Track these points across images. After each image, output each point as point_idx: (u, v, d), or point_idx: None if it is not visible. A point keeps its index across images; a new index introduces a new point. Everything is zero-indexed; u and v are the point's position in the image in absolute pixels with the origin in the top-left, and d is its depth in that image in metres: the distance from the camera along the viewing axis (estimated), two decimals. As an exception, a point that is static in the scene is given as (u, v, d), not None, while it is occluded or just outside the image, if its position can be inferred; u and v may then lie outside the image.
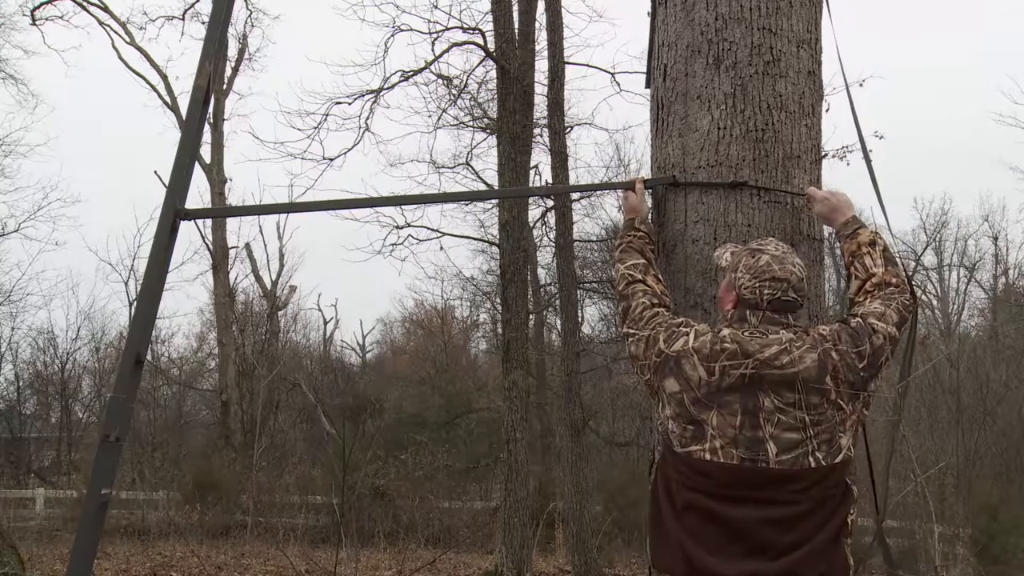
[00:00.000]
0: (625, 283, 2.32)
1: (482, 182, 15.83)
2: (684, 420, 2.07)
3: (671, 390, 2.09)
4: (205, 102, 2.46)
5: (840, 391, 2.04)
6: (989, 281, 24.81)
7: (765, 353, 2.03)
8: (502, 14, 10.28)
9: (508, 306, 9.87)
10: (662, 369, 2.11)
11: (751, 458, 2.00)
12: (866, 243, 2.33)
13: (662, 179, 2.56)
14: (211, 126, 19.81)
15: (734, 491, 2.01)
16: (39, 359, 21.02)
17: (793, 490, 2.00)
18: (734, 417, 2.02)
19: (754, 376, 2.02)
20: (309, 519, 14.03)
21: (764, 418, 2.01)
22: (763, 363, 2.02)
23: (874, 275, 2.27)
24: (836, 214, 2.40)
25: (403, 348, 29.47)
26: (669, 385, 2.09)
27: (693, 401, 2.05)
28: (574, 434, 10.56)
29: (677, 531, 2.05)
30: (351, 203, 4.06)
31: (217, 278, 20.09)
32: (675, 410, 2.08)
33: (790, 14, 2.53)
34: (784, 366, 2.02)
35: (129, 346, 2.31)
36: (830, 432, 2.03)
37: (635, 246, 2.42)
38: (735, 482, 2.01)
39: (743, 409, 2.02)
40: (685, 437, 2.07)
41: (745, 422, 2.01)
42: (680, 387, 2.07)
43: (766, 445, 2.00)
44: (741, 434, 2.01)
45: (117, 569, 10.61)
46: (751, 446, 2.01)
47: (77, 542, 2.23)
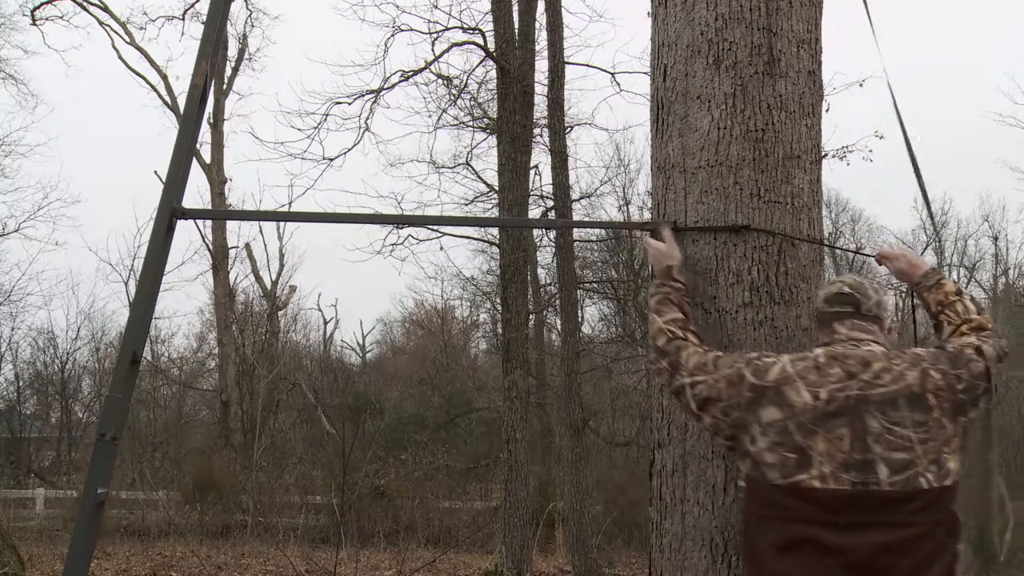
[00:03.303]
0: (665, 339, 2.26)
1: (482, 182, 15.84)
2: (786, 448, 2.03)
3: (770, 419, 2.05)
4: (202, 101, 2.46)
5: (943, 408, 2.03)
6: (989, 281, 24.82)
7: (868, 372, 2.04)
8: (502, 14, 10.28)
9: (508, 306, 9.87)
10: (758, 401, 2.08)
11: (863, 481, 1.97)
12: (953, 292, 2.37)
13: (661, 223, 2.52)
14: (211, 126, 19.82)
15: (846, 518, 1.97)
16: (39, 359, 21.06)
17: (908, 511, 1.97)
18: (841, 441, 1.99)
19: (860, 397, 2.02)
20: (309, 519, 14.02)
21: (873, 439, 1.99)
22: (867, 383, 2.03)
23: (971, 320, 2.30)
24: (915, 268, 2.47)
25: (403, 348, 29.49)
26: (767, 415, 2.06)
27: (798, 427, 2.02)
28: (574, 434, 10.55)
29: (785, 570, 2.00)
30: (349, 218, 4.04)
31: (217, 278, 20.10)
32: (774, 439, 2.04)
33: (790, 14, 2.52)
34: (887, 383, 2.02)
35: (125, 345, 2.30)
36: (936, 452, 2.01)
37: (674, 299, 2.34)
38: (847, 508, 1.97)
39: (851, 431, 2.00)
40: (787, 466, 2.02)
41: (854, 445, 1.99)
42: (783, 414, 2.04)
43: (877, 467, 1.98)
44: (851, 457, 1.98)
45: (117, 569, 10.61)
46: (862, 469, 1.98)
47: (74, 542, 2.22)
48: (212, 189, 19.91)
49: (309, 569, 9.93)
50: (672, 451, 2.44)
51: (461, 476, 15.92)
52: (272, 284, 23.51)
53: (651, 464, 2.54)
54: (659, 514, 2.47)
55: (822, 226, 2.58)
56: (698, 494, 2.37)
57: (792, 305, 2.42)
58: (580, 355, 12.42)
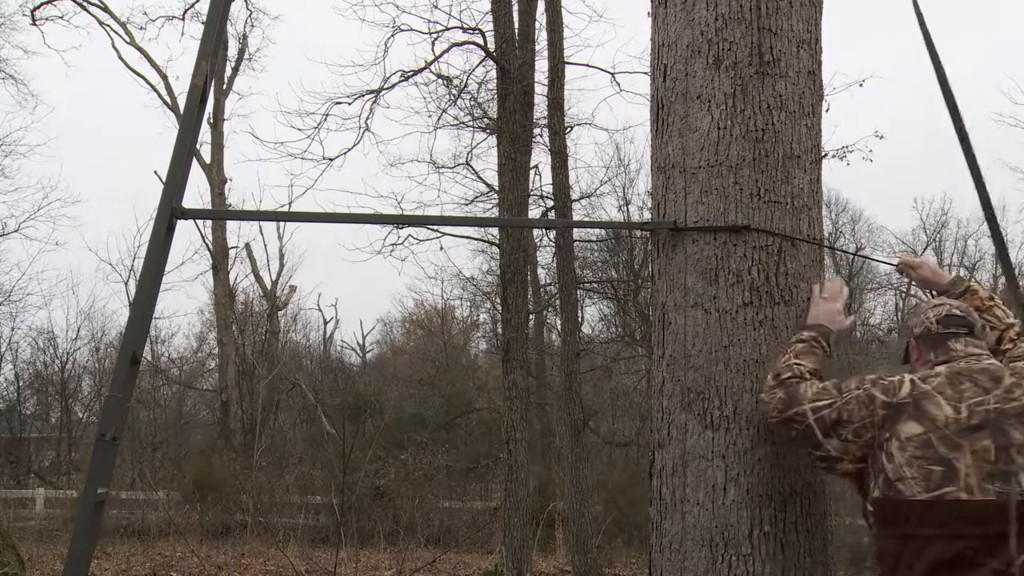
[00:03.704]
0: (790, 373, 2.27)
1: (482, 182, 15.85)
2: (930, 462, 2.05)
3: (910, 433, 2.07)
4: (202, 101, 2.45)
5: None
6: (989, 281, 24.82)
7: (1000, 388, 2.10)
8: (502, 14, 10.28)
9: (508, 306, 9.87)
10: (895, 418, 2.10)
11: (1006, 491, 2.01)
12: (987, 297, 2.48)
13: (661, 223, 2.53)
14: (211, 126, 19.83)
15: (992, 528, 2.00)
16: (39, 359, 21.06)
17: None
18: (987, 452, 2.03)
19: (998, 410, 2.07)
20: (309, 519, 14.03)
21: (1016, 450, 2.03)
22: (1003, 397, 2.08)
23: (1013, 325, 2.42)
24: (939, 276, 2.56)
25: (403, 348, 29.50)
26: (908, 429, 2.08)
27: (941, 440, 2.05)
28: (574, 434, 10.56)
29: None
30: (349, 218, 4.03)
31: (217, 278, 20.11)
32: (915, 453, 2.06)
33: (790, 14, 2.52)
34: (1019, 397, 2.09)
35: (125, 345, 2.30)
36: None
37: (818, 355, 2.33)
38: (993, 518, 2.00)
39: (995, 443, 2.04)
40: (932, 480, 2.03)
41: (999, 456, 2.03)
42: (924, 428, 2.07)
43: (1020, 477, 2.02)
44: (996, 468, 2.02)
45: (117, 569, 10.62)
46: (1005, 479, 2.02)
47: (74, 542, 2.22)
48: (212, 189, 19.92)
49: (309, 569, 9.93)
50: (672, 451, 2.44)
51: (461, 476, 15.92)
52: (272, 284, 23.53)
53: (651, 464, 2.54)
54: (659, 514, 2.47)
55: (822, 226, 2.58)
56: (698, 494, 2.37)
57: (792, 305, 2.42)
58: (580, 355, 12.42)
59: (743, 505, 2.33)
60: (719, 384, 2.37)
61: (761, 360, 2.37)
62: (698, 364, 2.41)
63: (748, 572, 2.31)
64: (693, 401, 2.40)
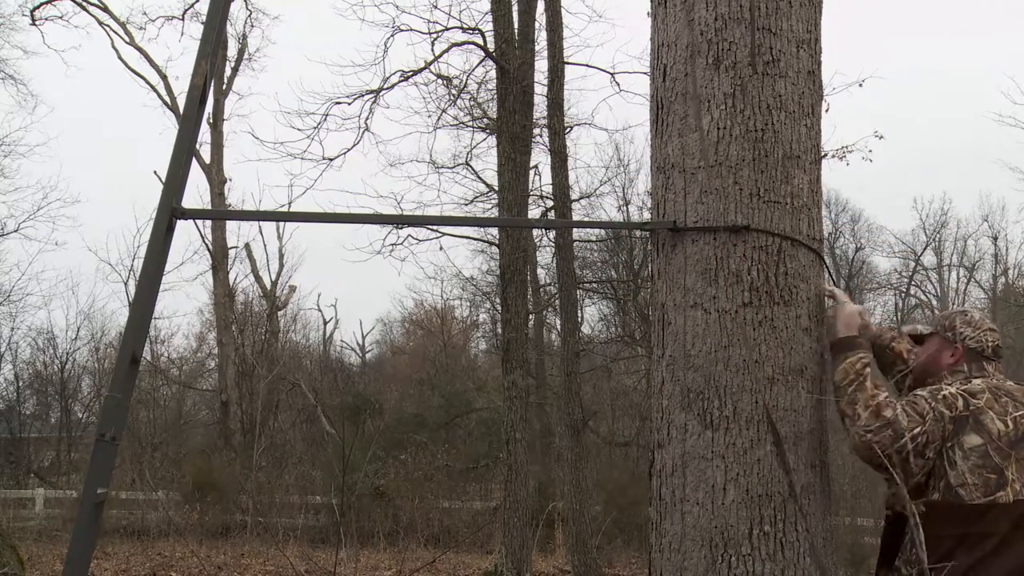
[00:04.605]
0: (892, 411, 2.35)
1: (482, 182, 15.83)
2: (988, 470, 2.32)
3: (972, 444, 2.33)
4: (202, 101, 2.45)
5: None
6: (989, 281, 24.84)
7: None
8: (502, 14, 10.27)
9: (508, 306, 9.86)
10: (959, 431, 2.35)
11: None
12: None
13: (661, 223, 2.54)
14: (211, 126, 19.83)
15: None
16: (39, 359, 21.04)
17: None
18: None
19: None
20: (309, 519, 14.03)
21: None
22: None
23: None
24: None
25: (403, 348, 29.50)
26: (970, 440, 2.34)
27: (996, 450, 2.33)
28: (574, 434, 10.56)
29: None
30: (349, 218, 4.03)
31: (217, 278, 20.10)
32: (976, 462, 2.33)
33: (790, 14, 2.52)
34: None
35: (125, 345, 2.30)
36: None
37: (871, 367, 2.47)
38: None
39: None
40: (989, 486, 2.32)
41: None
42: (983, 440, 2.34)
43: None
44: None
45: (117, 569, 10.62)
46: None
47: (73, 542, 2.22)
48: (212, 189, 19.91)
49: (309, 569, 9.93)
50: (672, 451, 2.44)
51: (461, 476, 15.91)
52: (272, 284, 23.52)
53: (651, 464, 2.54)
54: (659, 514, 2.47)
55: (822, 226, 2.58)
56: (698, 494, 2.37)
57: (792, 305, 2.42)
58: (580, 355, 12.41)
59: (743, 505, 2.33)
60: (719, 384, 2.37)
61: (761, 360, 2.37)
62: (698, 364, 2.41)
63: (748, 572, 2.31)
64: (693, 401, 2.40)
